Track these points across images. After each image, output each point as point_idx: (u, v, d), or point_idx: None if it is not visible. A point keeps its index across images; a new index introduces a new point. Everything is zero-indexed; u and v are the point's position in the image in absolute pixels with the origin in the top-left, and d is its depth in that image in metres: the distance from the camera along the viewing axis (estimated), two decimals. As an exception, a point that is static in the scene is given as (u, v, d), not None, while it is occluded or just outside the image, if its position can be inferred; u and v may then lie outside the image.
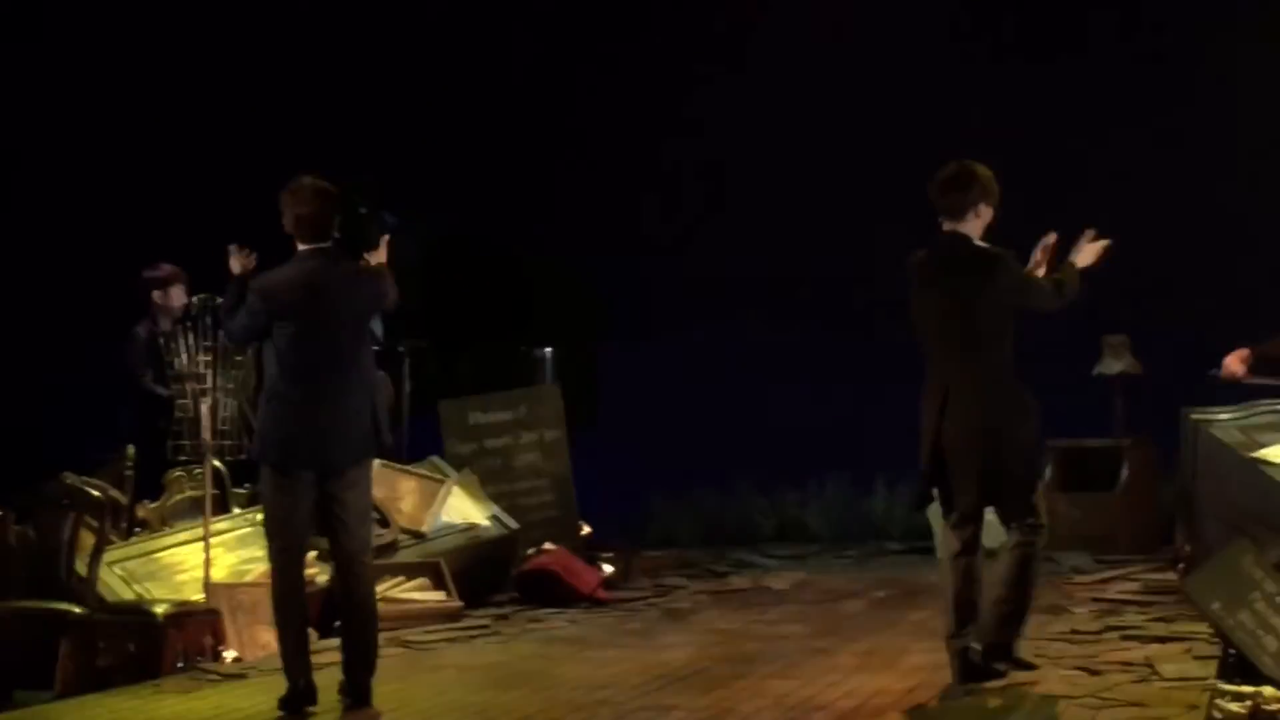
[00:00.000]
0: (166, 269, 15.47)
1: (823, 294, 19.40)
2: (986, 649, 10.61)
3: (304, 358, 10.58)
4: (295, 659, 10.48)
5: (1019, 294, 10.77)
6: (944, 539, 10.97)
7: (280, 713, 10.33)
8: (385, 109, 19.71)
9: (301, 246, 10.75)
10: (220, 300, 13.73)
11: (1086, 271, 11.03)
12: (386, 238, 11.68)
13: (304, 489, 10.57)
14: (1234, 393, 13.86)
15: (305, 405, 10.54)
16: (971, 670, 10.58)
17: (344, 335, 10.72)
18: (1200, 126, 18.96)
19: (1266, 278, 15.67)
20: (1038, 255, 11.04)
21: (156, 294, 15.42)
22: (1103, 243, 11.05)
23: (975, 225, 10.79)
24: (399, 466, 15.36)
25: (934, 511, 17.83)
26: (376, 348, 17.12)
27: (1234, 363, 13.80)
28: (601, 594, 15.33)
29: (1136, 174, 19.07)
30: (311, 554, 12.80)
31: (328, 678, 10.63)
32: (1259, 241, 17.57)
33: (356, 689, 10.46)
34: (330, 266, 10.76)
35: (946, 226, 10.79)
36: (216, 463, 13.56)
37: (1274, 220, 18.05)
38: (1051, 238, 11.08)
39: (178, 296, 15.09)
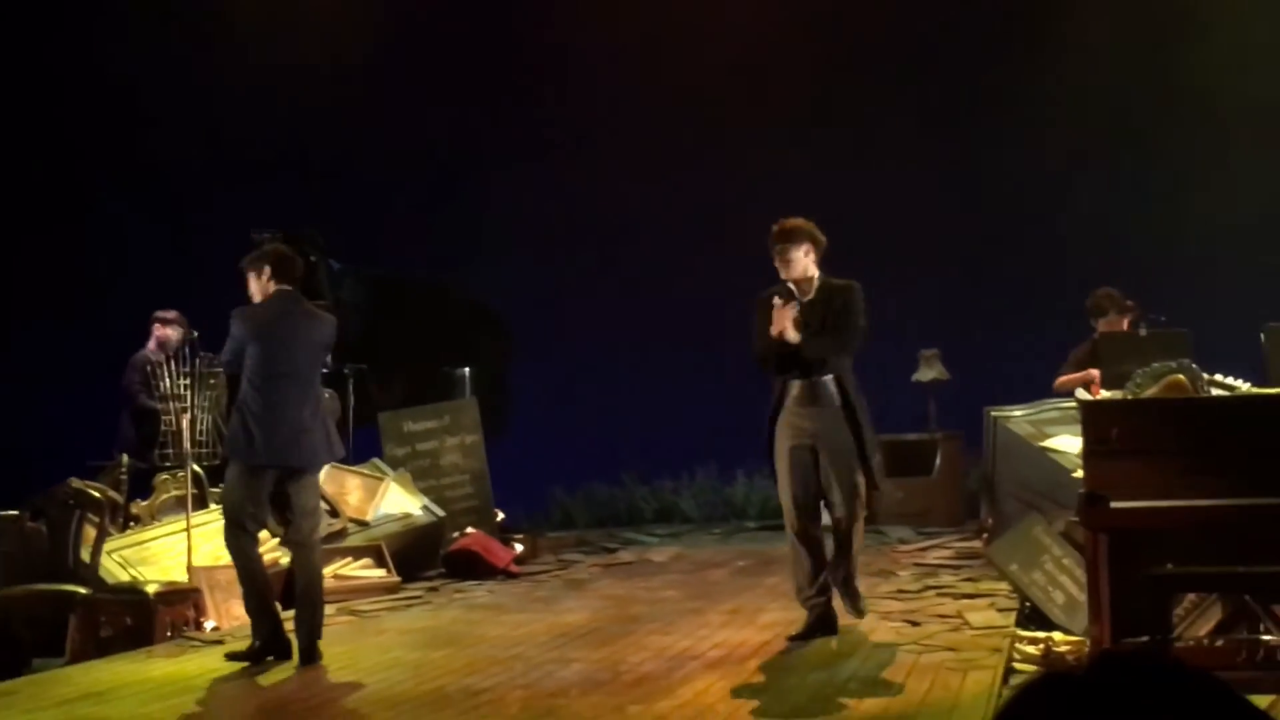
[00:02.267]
0: (173, 313, 15.49)
1: (691, 320, 19.41)
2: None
3: (269, 375, 10.71)
4: (259, 618, 10.64)
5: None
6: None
7: (245, 665, 10.42)
8: (330, 173, 19.66)
9: (275, 287, 10.88)
10: (196, 334, 13.80)
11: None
12: None
13: (264, 483, 10.76)
14: (1026, 392, 14.00)
15: (267, 414, 10.64)
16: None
17: (302, 360, 10.84)
18: (1001, 158, 19.08)
19: (1058, 298, 15.79)
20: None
21: (157, 328, 15.42)
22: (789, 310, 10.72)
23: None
24: (346, 467, 15.34)
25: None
26: (325, 370, 17.18)
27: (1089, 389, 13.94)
28: (514, 568, 15.33)
29: (947, 207, 19.20)
30: (273, 540, 12.86)
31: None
32: (1053, 267, 17.73)
33: (308, 650, 10.54)
34: (295, 304, 10.94)
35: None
36: (196, 467, 13.52)
37: (1062, 245, 18.23)
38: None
39: (175, 335, 15.08)
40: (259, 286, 11.02)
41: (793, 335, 10.62)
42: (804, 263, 10.82)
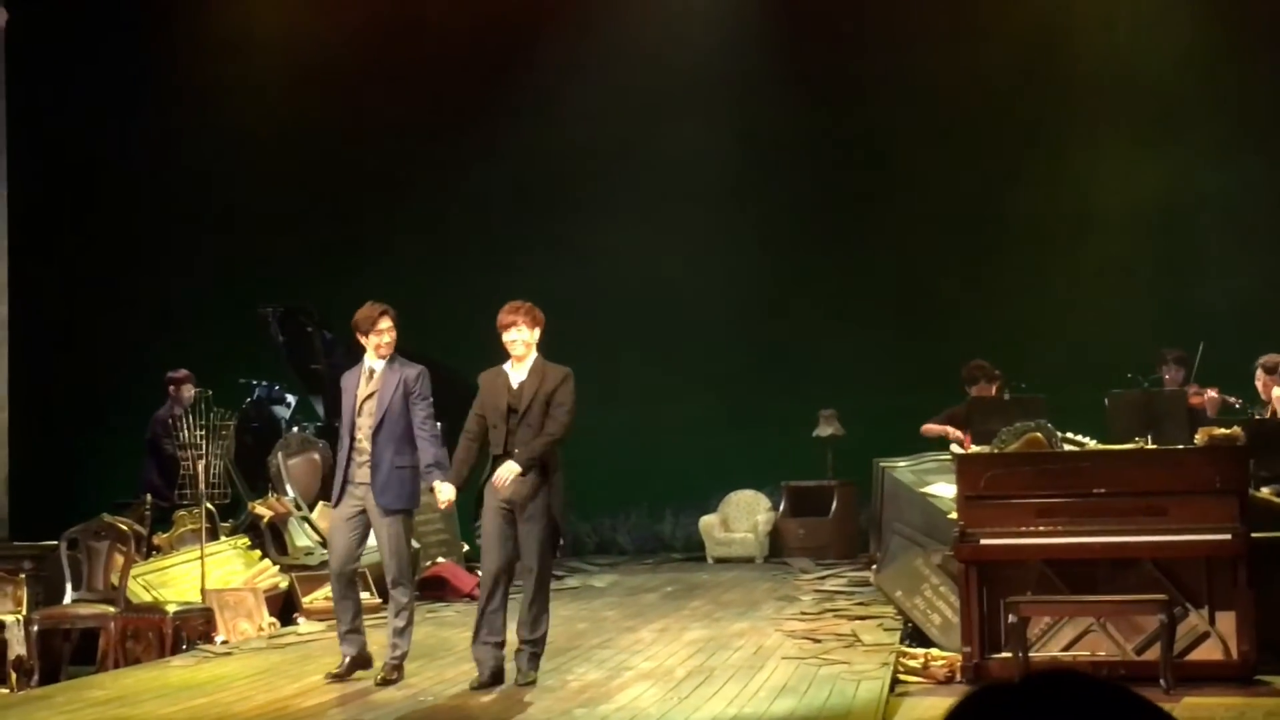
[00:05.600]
0: (182, 372, 15.40)
1: (625, 384, 19.34)
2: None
3: None
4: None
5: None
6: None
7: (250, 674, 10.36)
8: (324, 253, 19.56)
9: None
10: (210, 393, 13.83)
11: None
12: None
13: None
14: (908, 447, 14.11)
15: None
16: None
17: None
18: (896, 249, 19.20)
19: (937, 367, 15.90)
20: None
21: (172, 388, 15.38)
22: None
23: None
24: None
25: (704, 526, 18.09)
26: (319, 423, 17.12)
27: (954, 435, 14.10)
28: (476, 592, 15.26)
29: (843, 289, 19.29)
30: (267, 562, 12.81)
31: (302, 651, 10.58)
32: (934, 341, 17.83)
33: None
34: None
35: None
36: (209, 505, 13.51)
37: (942, 322, 18.38)
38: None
39: (188, 391, 15.03)
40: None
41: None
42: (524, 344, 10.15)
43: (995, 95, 18.89)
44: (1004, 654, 9.49)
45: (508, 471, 9.96)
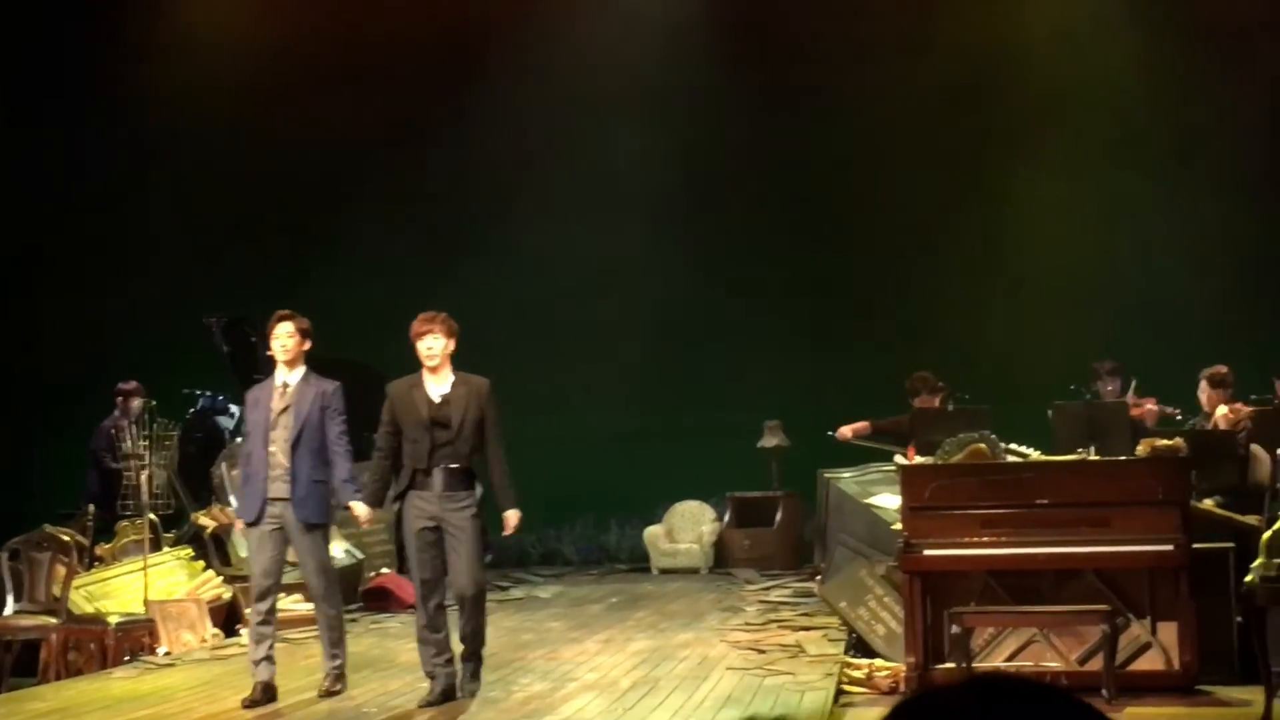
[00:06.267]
0: (132, 384, 15.26)
1: (565, 394, 19.33)
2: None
3: None
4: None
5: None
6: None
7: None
8: (270, 262, 19.41)
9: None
10: (154, 403, 13.73)
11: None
12: None
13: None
14: (853, 458, 14.13)
15: None
16: None
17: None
18: (840, 265, 19.23)
19: (880, 378, 15.93)
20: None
21: (121, 400, 15.27)
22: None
23: None
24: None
25: (649, 537, 18.07)
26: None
27: (845, 430, 14.19)
28: (421, 603, 15.28)
29: (788, 299, 19.32)
30: (210, 573, 12.69)
31: (232, 665, 10.52)
32: (878, 352, 17.89)
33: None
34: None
35: None
36: (152, 516, 13.42)
37: (883, 332, 18.45)
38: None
39: (136, 403, 14.92)
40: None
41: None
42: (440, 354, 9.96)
43: (942, 110, 18.94)
44: (948, 664, 9.52)
45: (515, 520, 10.28)
